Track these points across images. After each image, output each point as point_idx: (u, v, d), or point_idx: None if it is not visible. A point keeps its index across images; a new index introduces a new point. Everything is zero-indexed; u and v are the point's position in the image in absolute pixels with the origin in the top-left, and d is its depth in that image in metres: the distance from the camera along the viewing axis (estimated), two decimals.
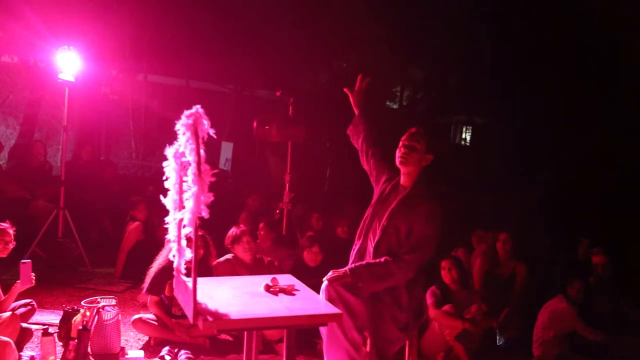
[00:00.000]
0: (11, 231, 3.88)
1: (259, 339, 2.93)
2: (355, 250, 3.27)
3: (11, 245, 3.87)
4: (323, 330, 3.07)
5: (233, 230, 4.55)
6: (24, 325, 3.75)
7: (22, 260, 3.77)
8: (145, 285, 4.17)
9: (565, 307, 4.46)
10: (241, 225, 4.71)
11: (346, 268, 3.02)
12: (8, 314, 3.55)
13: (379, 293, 3.04)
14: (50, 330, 3.73)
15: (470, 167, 11.24)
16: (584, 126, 9.33)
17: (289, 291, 2.71)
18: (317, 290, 2.96)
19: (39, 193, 6.91)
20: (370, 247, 3.16)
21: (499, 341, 4.80)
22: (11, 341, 3.31)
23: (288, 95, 5.94)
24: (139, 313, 4.37)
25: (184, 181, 2.34)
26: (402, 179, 3.22)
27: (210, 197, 2.24)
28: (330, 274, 2.98)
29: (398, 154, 3.16)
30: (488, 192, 9.74)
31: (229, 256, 4.55)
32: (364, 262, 3.07)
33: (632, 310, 4.92)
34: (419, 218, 3.03)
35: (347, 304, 2.94)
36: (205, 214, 2.23)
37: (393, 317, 3.04)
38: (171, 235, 2.49)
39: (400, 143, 3.18)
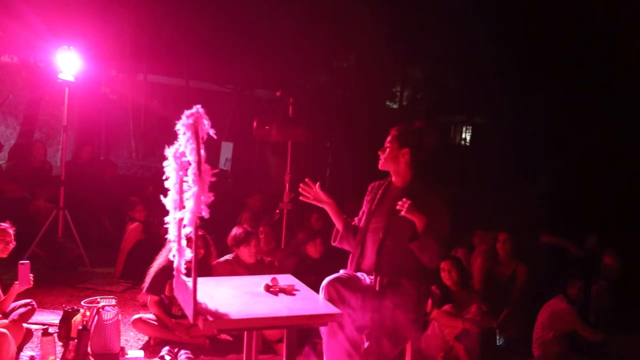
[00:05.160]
0: (11, 231, 3.88)
1: (259, 339, 2.93)
2: (355, 258, 3.24)
3: (11, 245, 3.87)
4: (323, 329, 3.07)
5: (239, 231, 4.52)
6: (24, 325, 3.75)
7: (21, 261, 3.77)
8: (145, 285, 4.17)
9: (565, 307, 4.46)
10: (245, 226, 4.71)
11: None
12: (6, 321, 3.54)
13: (385, 293, 3.03)
14: (50, 330, 3.74)
15: (470, 167, 11.24)
16: (584, 125, 9.33)
17: (289, 291, 2.71)
18: (319, 286, 2.96)
19: (39, 193, 6.91)
20: (371, 251, 3.16)
21: (499, 341, 4.80)
22: (7, 332, 3.31)
23: (288, 95, 5.93)
24: (139, 313, 4.37)
25: (184, 181, 2.34)
26: (394, 179, 3.23)
27: (210, 197, 2.24)
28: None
29: None
30: (488, 192, 9.74)
31: (228, 256, 4.54)
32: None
33: (632, 310, 4.92)
34: (425, 212, 2.98)
35: (347, 304, 2.94)
36: (205, 213, 2.23)
37: (398, 319, 3.02)
38: (171, 235, 2.49)
39: None
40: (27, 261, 3.81)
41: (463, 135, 15.34)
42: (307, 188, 3.27)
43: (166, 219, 2.47)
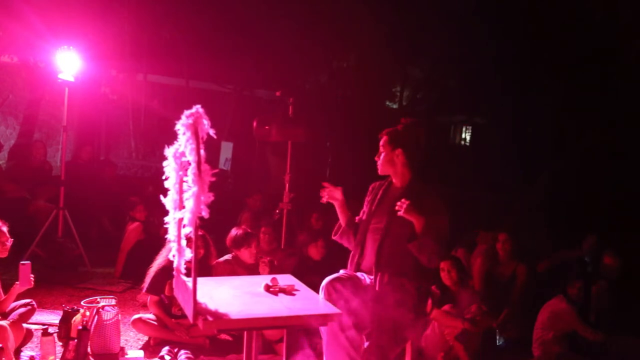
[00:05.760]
0: (5, 228, 3.84)
1: (259, 339, 2.93)
2: (355, 259, 3.25)
3: (9, 243, 3.85)
4: (323, 330, 3.07)
5: (238, 232, 4.52)
6: (24, 325, 3.75)
7: (22, 262, 3.77)
8: (145, 285, 4.17)
9: (565, 307, 4.46)
10: (244, 227, 4.71)
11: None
12: (6, 322, 3.53)
13: (385, 293, 3.03)
14: (50, 330, 3.73)
15: (470, 167, 11.25)
16: (584, 125, 9.33)
17: (289, 291, 2.71)
18: (319, 287, 2.96)
19: (39, 193, 6.91)
20: (371, 252, 3.16)
21: (499, 341, 4.80)
22: (7, 325, 3.31)
23: (288, 95, 5.94)
24: (138, 313, 4.37)
25: (184, 181, 2.34)
26: (394, 180, 3.25)
27: (210, 197, 2.24)
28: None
29: None
30: (488, 192, 9.74)
31: (228, 257, 4.55)
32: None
33: (632, 310, 4.93)
34: (424, 212, 2.98)
35: (347, 304, 2.94)
36: (205, 213, 2.23)
37: (398, 319, 3.02)
38: (171, 235, 2.49)
39: None
40: (28, 262, 3.81)
41: (463, 135, 15.34)
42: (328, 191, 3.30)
43: (166, 219, 2.47)
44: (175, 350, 3.88)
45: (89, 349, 3.70)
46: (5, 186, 6.85)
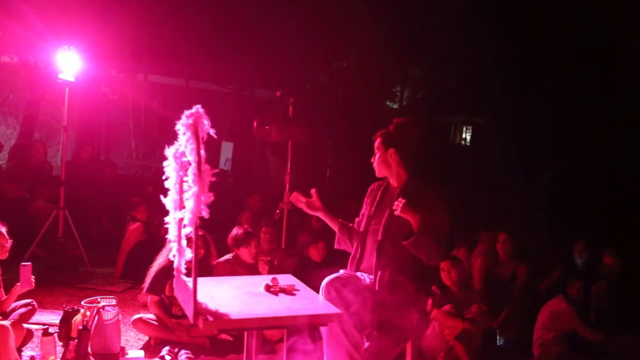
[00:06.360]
0: (4, 229, 3.83)
1: (259, 339, 2.93)
2: (355, 261, 3.25)
3: (8, 245, 3.84)
4: (323, 330, 3.07)
5: (239, 232, 4.53)
6: (24, 325, 3.75)
7: (22, 263, 3.77)
8: (146, 285, 4.17)
9: (565, 307, 4.46)
10: (245, 226, 4.72)
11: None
12: (7, 322, 3.53)
13: (385, 293, 3.03)
14: (51, 330, 3.74)
15: (470, 167, 11.25)
16: (584, 125, 9.33)
17: (289, 291, 2.71)
18: (319, 287, 2.96)
19: (39, 193, 6.92)
20: (370, 253, 3.16)
21: (499, 341, 4.81)
22: (8, 325, 3.31)
23: (288, 95, 5.93)
24: (139, 313, 4.37)
25: (184, 181, 2.34)
26: (391, 181, 3.25)
27: (210, 197, 2.24)
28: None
29: None
30: (488, 192, 9.74)
31: (228, 256, 4.55)
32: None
33: (632, 310, 4.93)
34: (421, 211, 2.97)
35: (347, 303, 2.94)
36: (205, 213, 2.23)
37: (399, 319, 3.02)
38: (171, 235, 2.49)
39: None
40: (29, 263, 3.81)
41: (463, 135, 15.33)
42: (301, 197, 3.32)
43: (166, 219, 2.47)
44: (176, 350, 3.88)
45: (89, 349, 3.70)
46: (5, 186, 6.85)
